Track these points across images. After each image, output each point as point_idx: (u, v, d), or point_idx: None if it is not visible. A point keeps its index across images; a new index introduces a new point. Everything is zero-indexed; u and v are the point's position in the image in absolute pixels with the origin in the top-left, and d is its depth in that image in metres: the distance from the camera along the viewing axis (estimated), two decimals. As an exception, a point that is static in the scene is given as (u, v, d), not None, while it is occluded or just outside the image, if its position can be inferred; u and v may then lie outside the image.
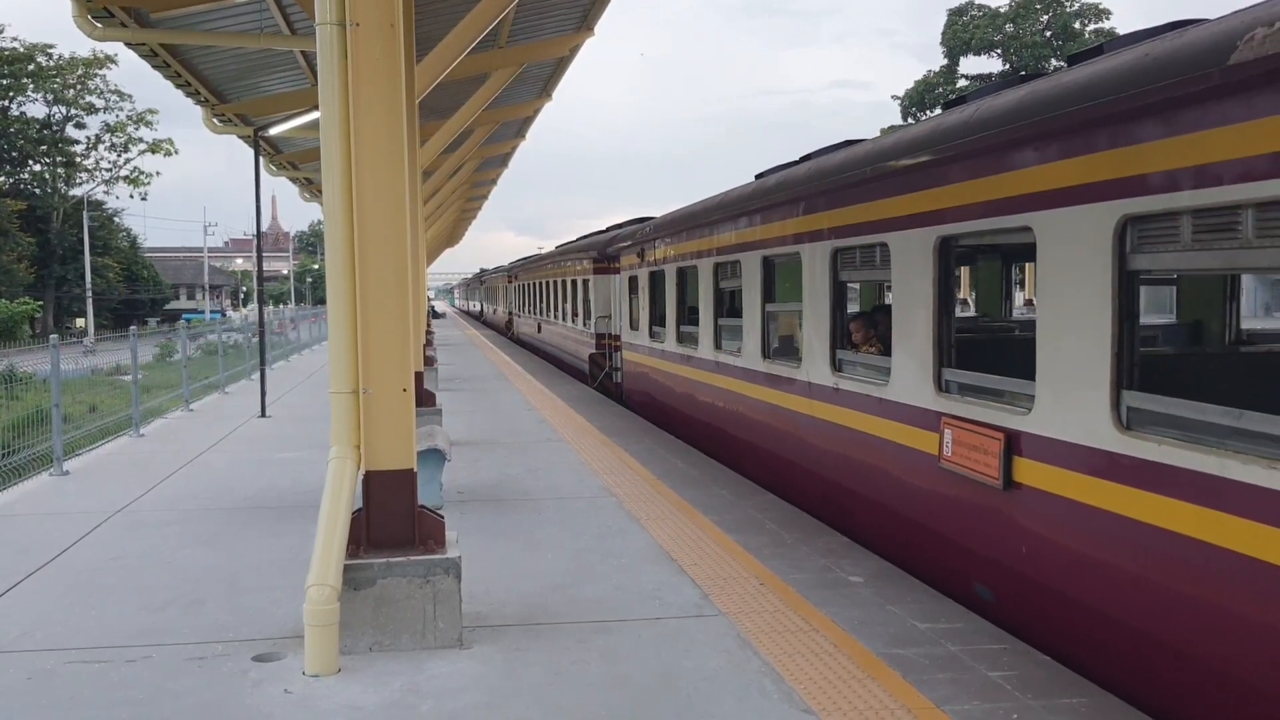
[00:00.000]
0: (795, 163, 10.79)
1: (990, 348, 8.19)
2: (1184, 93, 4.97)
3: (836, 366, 9.27)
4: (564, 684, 5.61)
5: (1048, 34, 72.76)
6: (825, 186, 9.30)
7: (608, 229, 25.52)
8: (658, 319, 16.29)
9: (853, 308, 10.90)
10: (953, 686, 5.48)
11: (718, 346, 12.78)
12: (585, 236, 29.74)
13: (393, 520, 6.28)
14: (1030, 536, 6.34)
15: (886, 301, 10.10)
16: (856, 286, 12.22)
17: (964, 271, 14.14)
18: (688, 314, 14.67)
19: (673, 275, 14.98)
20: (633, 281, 18.35)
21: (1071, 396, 5.95)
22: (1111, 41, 6.30)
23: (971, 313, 14.43)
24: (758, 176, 11.91)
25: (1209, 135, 4.93)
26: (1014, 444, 6.46)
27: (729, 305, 12.68)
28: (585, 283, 24.71)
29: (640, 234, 17.51)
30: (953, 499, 7.20)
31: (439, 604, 6.12)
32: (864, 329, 9.46)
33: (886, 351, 8.42)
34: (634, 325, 18.28)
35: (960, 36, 74.09)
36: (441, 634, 6.13)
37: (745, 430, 11.80)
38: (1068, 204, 5.94)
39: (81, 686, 5.66)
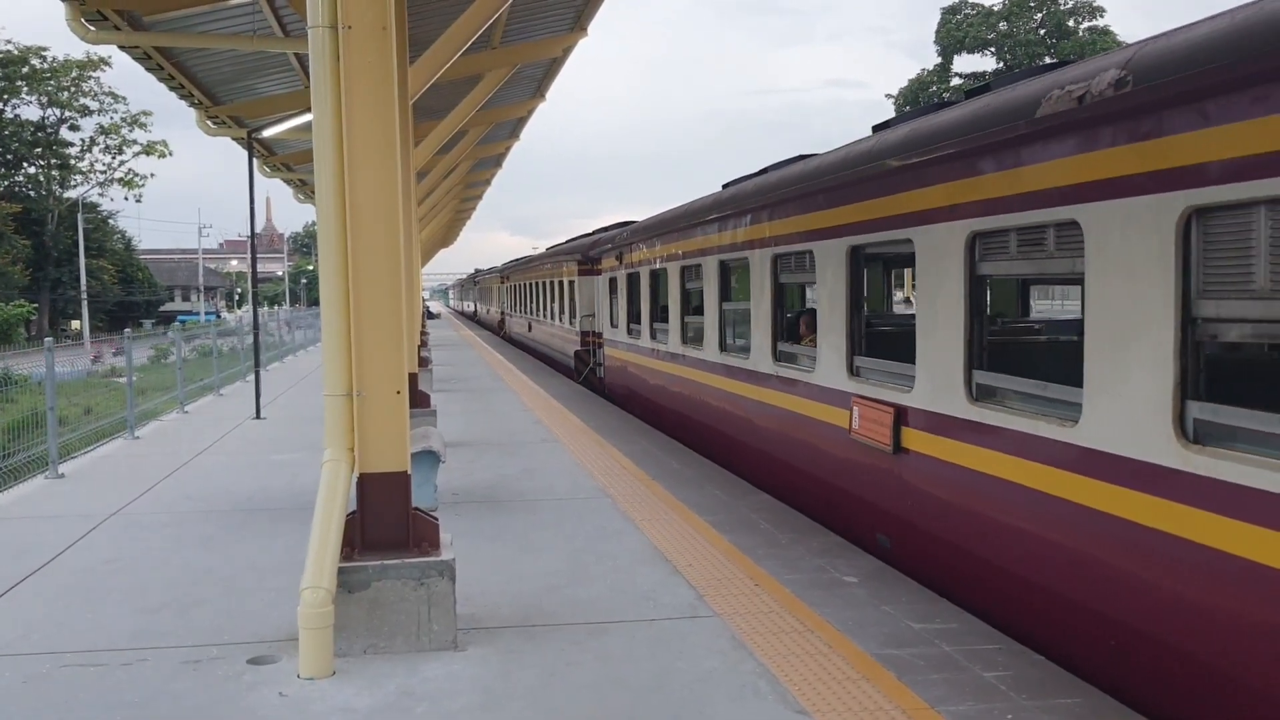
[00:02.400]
0: (755, 174, 11.80)
1: (889, 339, 9.17)
2: (1006, 137, 6.32)
3: (777, 357, 10.64)
4: (559, 686, 5.62)
5: (1041, 32, 72.88)
6: (766, 201, 10.64)
7: (593, 232, 26.85)
8: (634, 317, 17.58)
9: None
10: (947, 687, 5.49)
11: (684, 341, 14.10)
12: (572, 239, 30.76)
13: (387, 522, 6.28)
14: (914, 491, 7.70)
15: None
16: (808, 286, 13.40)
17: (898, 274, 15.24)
18: (659, 312, 15.92)
19: (646, 277, 16.39)
20: (612, 283, 19.64)
21: (939, 376, 7.32)
22: (998, 80, 7.26)
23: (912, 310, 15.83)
24: (724, 186, 12.90)
25: (1024, 171, 6.28)
26: (901, 416, 7.82)
27: (693, 304, 13.95)
28: (570, 284, 26.02)
29: (618, 239, 18.88)
30: (859, 464, 8.58)
31: (433, 606, 6.13)
32: (809, 324, 10.48)
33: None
34: (613, 323, 19.60)
35: (954, 35, 74.24)
36: (436, 636, 6.13)
37: (708, 415, 13.11)
38: (935, 221, 7.31)
39: (77, 690, 5.66)
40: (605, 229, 24.40)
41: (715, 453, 12.61)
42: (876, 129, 8.83)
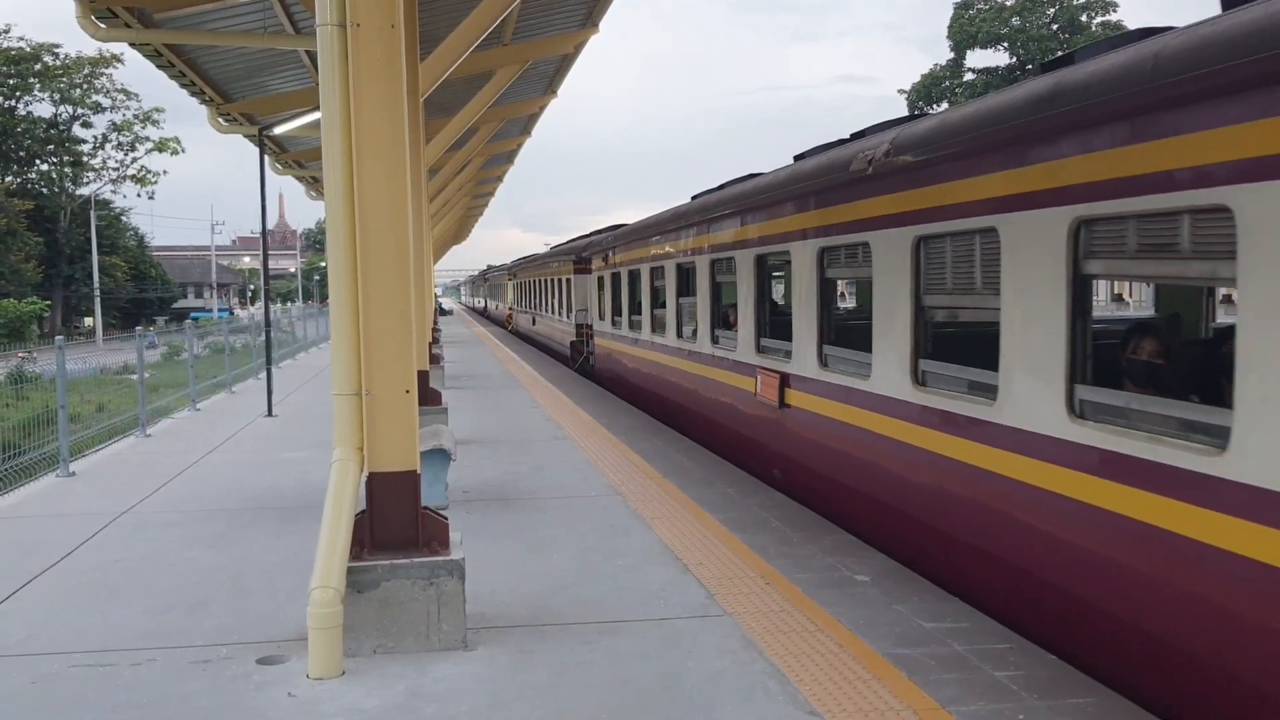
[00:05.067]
0: (712, 190, 14.12)
1: (781, 324, 11.16)
2: (835, 184, 9.17)
3: (714, 340, 13.22)
4: (568, 685, 5.59)
5: (1054, 27, 72.55)
6: (706, 216, 13.36)
7: (589, 234, 29.37)
8: (616, 311, 20.12)
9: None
10: (959, 687, 5.46)
11: (653, 331, 16.82)
12: (572, 240, 33.64)
13: (396, 522, 6.27)
14: (794, 436, 10.35)
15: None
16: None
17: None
18: (635, 307, 18.41)
19: (625, 276, 19.01)
20: (600, 281, 22.32)
21: (803, 350, 10.08)
22: (873, 126, 9.41)
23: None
24: (693, 198, 15.11)
25: (841, 208, 9.14)
26: (786, 381, 10.53)
27: (659, 300, 16.53)
28: (567, 281, 28.76)
29: (604, 242, 21.57)
30: (761, 417, 11.29)
31: (443, 606, 6.11)
32: (734, 314, 12.63)
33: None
34: (601, 316, 22.19)
35: (966, 30, 73.91)
36: (446, 636, 6.12)
37: (670, 391, 15.82)
38: (803, 239, 10.04)
39: (86, 690, 5.66)
40: (598, 231, 26.85)
41: (673, 418, 15.42)
42: (796, 158, 10.95)
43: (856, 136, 9.54)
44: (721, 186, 13.67)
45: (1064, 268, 5.94)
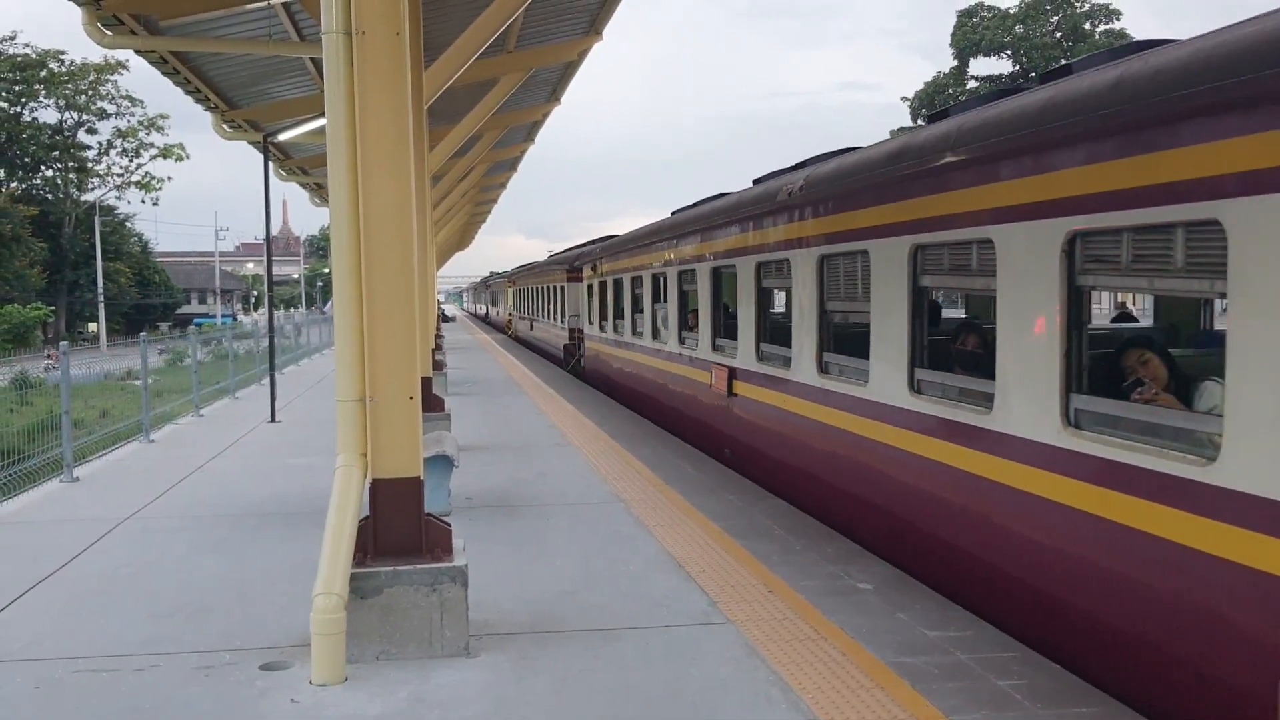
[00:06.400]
0: (689, 206, 15.79)
1: (732, 325, 12.67)
2: (766, 210, 10.96)
3: (681, 341, 15.06)
4: (571, 693, 5.59)
5: (1058, 35, 72.58)
6: (674, 233, 15.26)
7: (586, 243, 31.29)
8: (604, 315, 22.05)
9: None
10: (962, 696, 5.45)
11: (633, 333, 18.70)
12: (567, 250, 36.29)
13: (399, 528, 6.27)
14: (742, 421, 12.10)
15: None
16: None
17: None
18: (619, 312, 20.31)
19: (610, 285, 21.01)
20: (590, 289, 24.29)
21: (746, 347, 11.86)
22: (814, 157, 10.89)
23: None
24: (673, 214, 16.72)
25: (773, 230, 10.85)
26: (734, 374, 12.29)
27: (638, 306, 18.32)
28: (561, 288, 31.01)
29: (594, 253, 23.84)
30: (716, 405, 13.13)
31: (446, 612, 6.11)
32: (696, 318, 14.53)
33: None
34: (590, 321, 24.30)
35: (970, 38, 73.98)
36: (448, 643, 6.11)
37: (647, 386, 17.60)
38: (743, 255, 11.85)
39: (89, 696, 5.66)
40: (592, 241, 29.05)
41: (650, 411, 17.07)
42: (755, 182, 12.57)
43: (798, 166, 11.13)
44: (695, 205, 15.32)
45: (906, 279, 7.91)
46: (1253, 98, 4.67)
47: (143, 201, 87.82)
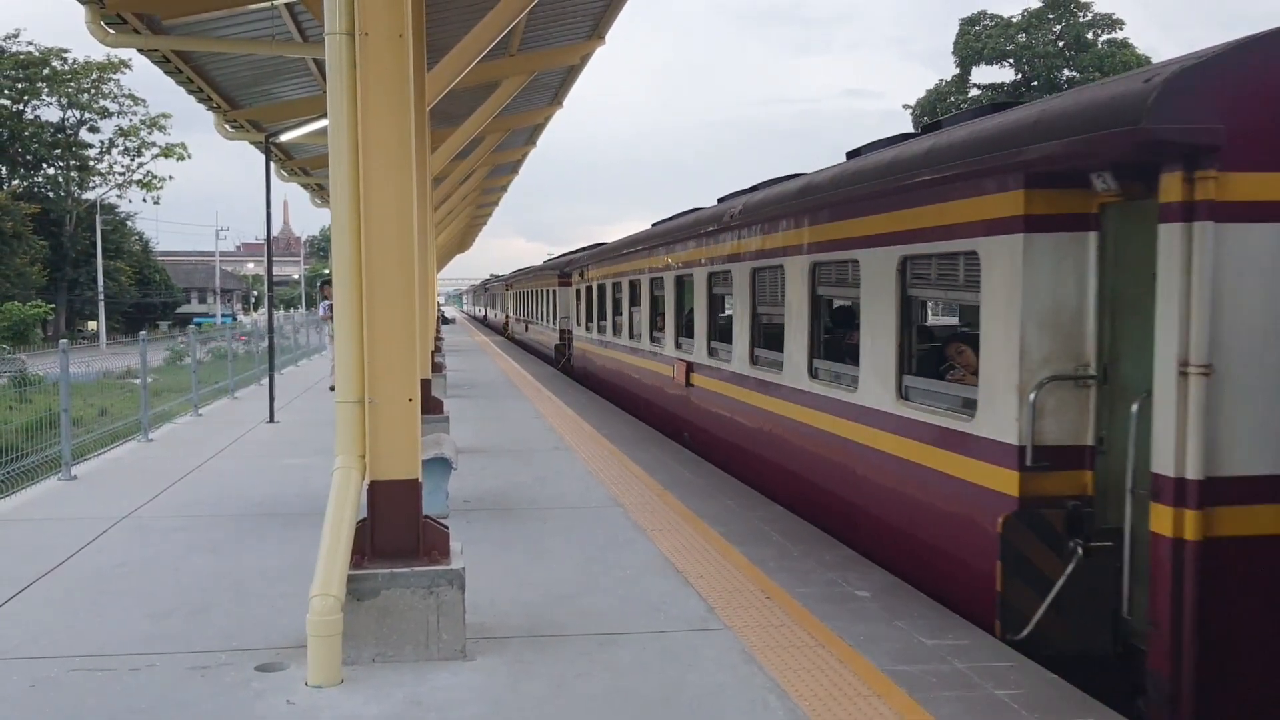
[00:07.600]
0: (672, 217, 17.22)
1: (691, 326, 14.57)
2: (716, 229, 12.94)
3: (652, 340, 16.99)
4: (567, 697, 5.58)
5: (1060, 44, 72.63)
6: (649, 244, 17.15)
7: (578, 249, 32.87)
8: (589, 317, 24.30)
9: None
10: (959, 705, 5.44)
11: (614, 334, 20.73)
12: (561, 255, 38.16)
13: (397, 530, 6.26)
14: (698, 408, 14.06)
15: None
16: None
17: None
18: (602, 314, 22.43)
19: (595, 290, 23.19)
20: (577, 293, 26.84)
21: (699, 343, 13.90)
22: (780, 177, 12.06)
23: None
24: (654, 225, 18.36)
25: (720, 246, 12.92)
26: (691, 367, 14.31)
27: (619, 310, 20.36)
28: (553, 292, 33.08)
29: (582, 259, 25.93)
30: (677, 395, 15.17)
31: (442, 615, 6.10)
32: (665, 320, 16.45)
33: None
34: (578, 322, 26.65)
35: (972, 46, 73.96)
36: (445, 645, 6.10)
37: (624, 381, 19.79)
38: (699, 265, 13.83)
39: (84, 695, 5.65)
40: (583, 248, 30.61)
41: (628, 403, 19.12)
42: (721, 200, 14.38)
43: (762, 185, 12.53)
44: (668, 219, 17.29)
45: (807, 289, 10.00)
46: (987, 170, 6.71)
47: (144, 201, 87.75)
